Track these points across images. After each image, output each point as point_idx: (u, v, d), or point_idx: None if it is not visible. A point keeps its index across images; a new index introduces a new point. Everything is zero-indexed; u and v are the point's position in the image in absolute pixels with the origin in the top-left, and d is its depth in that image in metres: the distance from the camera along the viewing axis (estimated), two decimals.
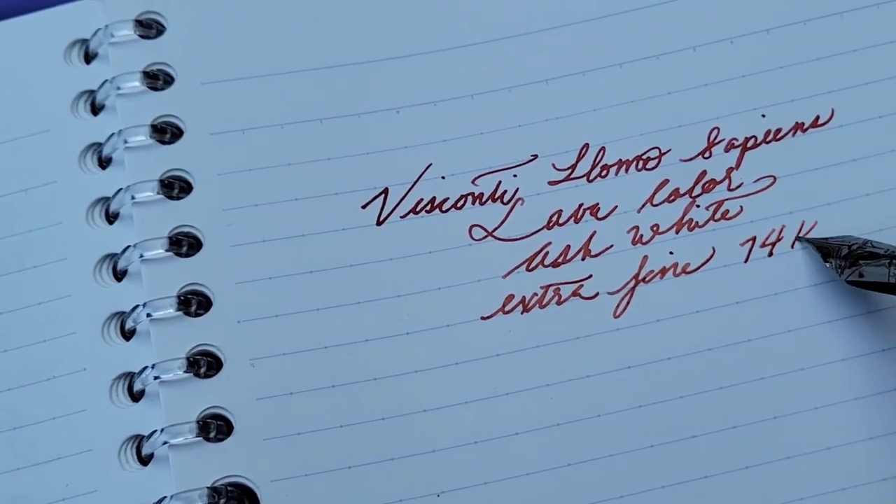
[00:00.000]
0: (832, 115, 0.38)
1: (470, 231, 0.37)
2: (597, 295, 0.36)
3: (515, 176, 0.37)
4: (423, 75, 0.38)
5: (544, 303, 0.36)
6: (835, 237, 0.35)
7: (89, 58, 0.40)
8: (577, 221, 0.37)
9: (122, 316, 0.36)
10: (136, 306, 0.36)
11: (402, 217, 0.37)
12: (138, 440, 0.35)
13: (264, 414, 0.35)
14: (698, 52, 0.38)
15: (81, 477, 0.35)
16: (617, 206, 0.37)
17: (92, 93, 0.39)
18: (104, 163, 0.38)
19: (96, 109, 0.39)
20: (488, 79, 0.38)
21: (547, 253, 0.37)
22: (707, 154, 0.37)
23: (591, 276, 0.36)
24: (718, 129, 0.38)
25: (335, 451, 0.34)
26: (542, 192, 0.37)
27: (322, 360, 0.35)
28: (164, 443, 0.34)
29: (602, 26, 0.39)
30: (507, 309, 0.36)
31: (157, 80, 0.39)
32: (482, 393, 0.35)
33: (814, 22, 0.39)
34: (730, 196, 0.37)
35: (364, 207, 0.37)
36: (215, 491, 0.34)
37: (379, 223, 0.37)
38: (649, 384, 0.35)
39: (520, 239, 0.37)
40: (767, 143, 0.37)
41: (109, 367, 0.36)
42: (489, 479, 0.34)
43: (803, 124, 0.38)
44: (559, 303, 0.36)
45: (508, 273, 0.36)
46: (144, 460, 0.35)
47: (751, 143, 0.37)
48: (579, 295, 0.36)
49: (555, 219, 0.37)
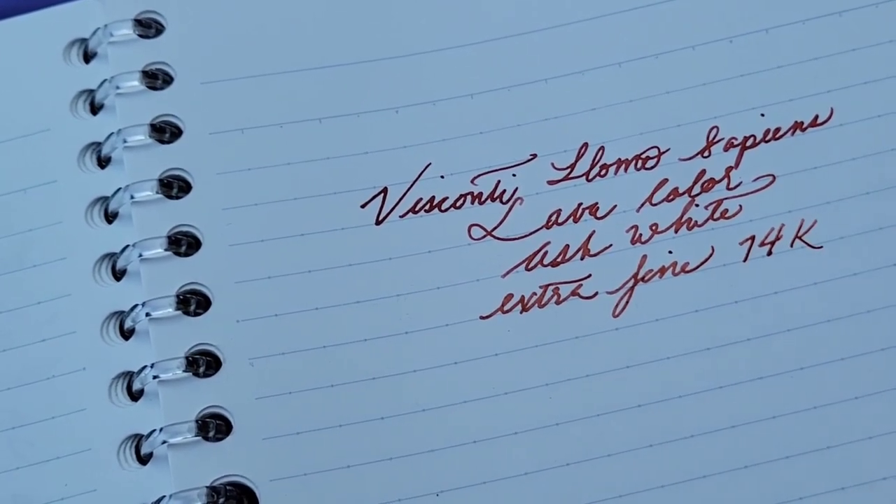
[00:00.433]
0: (831, 114, 0.38)
1: (469, 230, 0.37)
2: (596, 294, 0.36)
3: (514, 175, 0.37)
4: (423, 75, 0.38)
5: (543, 302, 0.36)
6: None
7: (88, 57, 0.40)
8: (576, 221, 0.37)
9: (121, 315, 0.36)
10: (136, 305, 0.36)
11: (401, 216, 0.37)
12: (137, 439, 0.35)
13: (263, 413, 0.35)
14: (697, 51, 0.38)
15: (81, 476, 0.35)
16: (616, 206, 0.37)
17: (91, 92, 0.39)
18: (103, 162, 0.38)
19: (95, 109, 0.39)
20: (487, 78, 0.38)
21: (546, 252, 0.37)
22: (706, 153, 0.37)
23: (590, 275, 0.36)
24: (717, 128, 0.38)
25: (334, 451, 0.34)
26: (541, 192, 0.37)
27: (321, 360, 0.35)
28: (164, 442, 0.34)
29: (601, 25, 0.39)
30: (506, 308, 0.36)
31: (156, 79, 0.39)
32: (481, 392, 0.35)
33: (813, 21, 0.38)
34: (729, 195, 0.37)
35: (363, 207, 0.37)
36: (214, 490, 0.34)
37: (378, 223, 0.37)
38: (648, 384, 0.35)
39: (519, 238, 0.37)
40: (767, 142, 0.37)
41: (108, 367, 0.36)
42: (488, 479, 0.34)
43: (802, 123, 0.38)
44: (558, 302, 0.36)
45: (507, 272, 0.36)
46: (143, 459, 0.35)
47: (750, 143, 0.37)
48: (578, 294, 0.36)
49: (554, 218, 0.37)
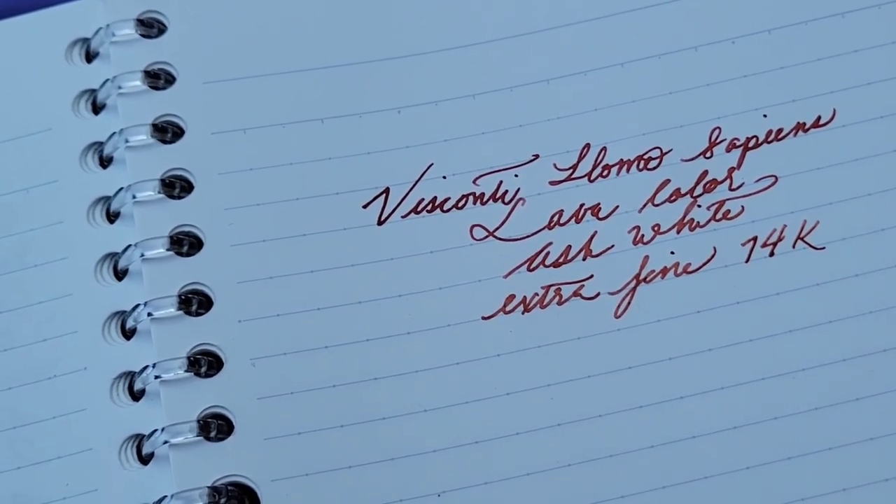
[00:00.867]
0: (834, 115, 0.38)
1: (471, 231, 0.37)
2: (598, 295, 0.36)
3: (517, 176, 0.37)
4: (425, 75, 0.38)
5: (545, 303, 0.36)
6: None
7: (90, 57, 0.40)
8: (578, 221, 0.37)
9: (122, 315, 0.36)
10: (137, 305, 0.36)
11: (403, 217, 0.37)
12: (139, 439, 0.35)
13: (265, 413, 0.35)
14: (700, 51, 0.38)
15: (82, 476, 0.35)
16: (618, 206, 0.37)
17: (93, 92, 0.39)
18: (105, 162, 0.38)
19: (97, 108, 0.39)
20: (489, 79, 0.38)
21: (548, 253, 0.37)
22: (708, 154, 0.37)
23: (592, 276, 0.36)
24: (720, 128, 0.38)
25: (336, 451, 0.34)
26: (543, 192, 0.37)
27: (323, 360, 0.35)
28: (165, 442, 0.34)
29: (603, 26, 0.39)
30: (507, 309, 0.36)
31: (158, 79, 0.39)
32: (483, 393, 0.35)
33: (815, 22, 0.38)
34: (731, 196, 0.37)
35: (365, 207, 0.37)
36: (216, 490, 0.34)
37: (380, 223, 0.37)
38: (650, 384, 0.35)
39: (521, 239, 0.37)
40: (769, 143, 0.37)
41: (110, 367, 0.36)
42: (490, 479, 0.34)
43: (805, 124, 0.38)
44: (560, 303, 0.36)
45: (509, 273, 0.36)
46: (145, 459, 0.35)
47: (752, 143, 0.37)
48: (580, 295, 0.36)
49: (556, 219, 0.37)
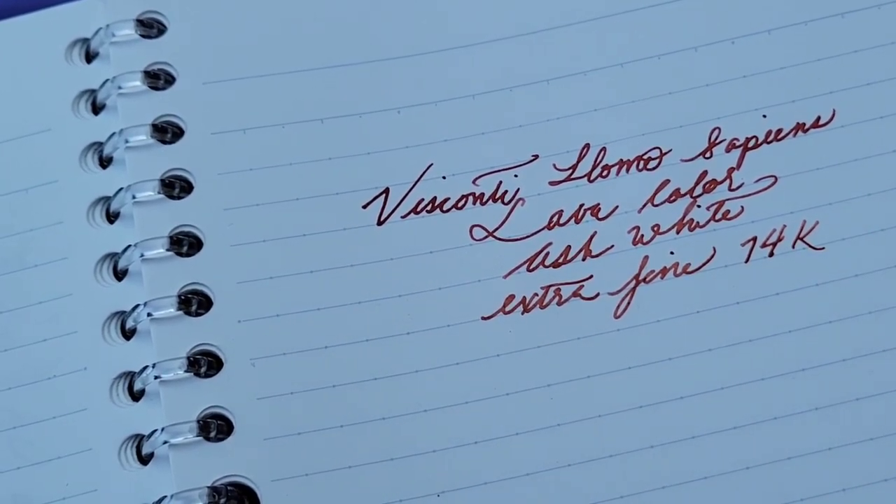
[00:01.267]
0: (833, 115, 0.38)
1: (471, 231, 0.37)
2: (597, 295, 0.36)
3: (516, 176, 0.37)
4: (424, 75, 0.38)
5: (545, 303, 0.36)
6: None
7: (90, 57, 0.40)
8: (577, 222, 0.37)
9: (122, 315, 0.36)
10: (137, 306, 0.36)
11: (402, 217, 0.37)
12: (138, 439, 0.35)
13: (265, 414, 0.35)
14: (700, 52, 0.38)
15: (81, 476, 0.35)
16: (618, 207, 0.37)
17: (93, 92, 0.39)
18: (105, 162, 0.38)
19: (97, 109, 0.39)
20: (489, 79, 0.38)
21: (548, 253, 0.37)
22: (708, 154, 0.37)
23: (591, 276, 0.36)
24: (719, 129, 0.38)
25: (336, 451, 0.34)
26: (542, 193, 0.37)
27: (323, 360, 0.35)
28: (165, 442, 0.34)
29: (603, 26, 0.39)
30: (507, 309, 0.36)
31: (158, 79, 0.39)
32: (483, 393, 0.35)
33: (815, 23, 0.39)
34: (731, 196, 0.37)
35: (365, 207, 0.37)
36: (215, 490, 0.34)
37: (380, 223, 0.37)
38: (650, 384, 0.35)
39: (520, 239, 0.37)
40: (768, 143, 0.37)
41: (110, 367, 0.36)
42: (490, 480, 0.34)
43: (804, 125, 0.38)
44: (560, 303, 0.36)
45: (509, 273, 0.36)
46: (145, 460, 0.35)
47: (752, 144, 0.37)
48: (580, 295, 0.36)
49: (555, 219, 0.37)
